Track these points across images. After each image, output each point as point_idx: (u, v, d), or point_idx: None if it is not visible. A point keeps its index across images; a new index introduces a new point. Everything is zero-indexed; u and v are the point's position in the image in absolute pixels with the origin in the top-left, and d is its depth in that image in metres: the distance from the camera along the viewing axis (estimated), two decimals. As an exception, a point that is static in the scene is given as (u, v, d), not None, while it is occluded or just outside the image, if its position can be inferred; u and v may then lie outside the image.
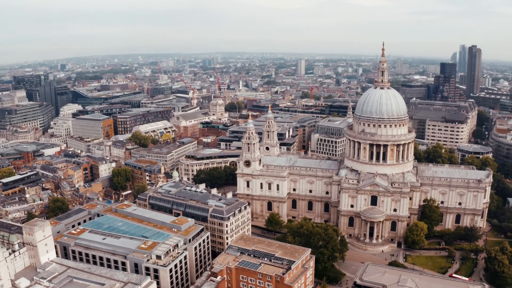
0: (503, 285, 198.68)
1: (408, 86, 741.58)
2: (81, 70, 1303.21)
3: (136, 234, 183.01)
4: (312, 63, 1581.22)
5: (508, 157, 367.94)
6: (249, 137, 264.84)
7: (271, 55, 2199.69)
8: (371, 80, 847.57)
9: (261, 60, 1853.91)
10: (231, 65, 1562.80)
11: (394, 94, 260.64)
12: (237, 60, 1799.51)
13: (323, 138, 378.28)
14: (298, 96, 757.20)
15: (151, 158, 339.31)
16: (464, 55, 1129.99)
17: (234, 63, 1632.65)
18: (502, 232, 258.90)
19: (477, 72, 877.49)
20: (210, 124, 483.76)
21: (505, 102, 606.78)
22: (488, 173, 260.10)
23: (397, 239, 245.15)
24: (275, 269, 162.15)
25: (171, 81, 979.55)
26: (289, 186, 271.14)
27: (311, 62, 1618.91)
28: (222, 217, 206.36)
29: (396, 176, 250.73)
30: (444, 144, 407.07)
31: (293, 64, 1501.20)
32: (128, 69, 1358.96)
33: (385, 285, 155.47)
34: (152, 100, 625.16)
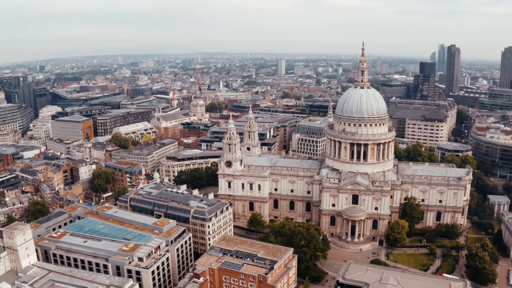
0: (485, 281, 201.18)
1: (388, 86, 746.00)
2: (60, 72, 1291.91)
3: (118, 237, 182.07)
4: (292, 63, 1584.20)
5: (487, 154, 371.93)
6: (230, 138, 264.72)
7: (251, 55, 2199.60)
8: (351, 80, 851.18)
9: (242, 60, 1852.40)
10: (211, 65, 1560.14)
11: (374, 94, 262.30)
12: (218, 61, 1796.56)
13: (304, 138, 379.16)
14: (278, 96, 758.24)
15: (131, 160, 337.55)
16: (443, 55, 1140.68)
17: (215, 64, 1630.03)
18: (482, 229, 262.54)
19: (456, 71, 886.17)
20: (190, 125, 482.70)
21: (484, 100, 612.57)
22: (468, 170, 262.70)
23: (378, 237, 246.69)
24: (258, 269, 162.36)
25: (151, 82, 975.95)
26: (270, 186, 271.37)
27: (292, 62, 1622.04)
28: (204, 218, 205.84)
29: (377, 174, 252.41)
30: (424, 142, 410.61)
31: (274, 64, 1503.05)
32: (107, 70, 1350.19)
33: (368, 283, 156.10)
34: (132, 101, 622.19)
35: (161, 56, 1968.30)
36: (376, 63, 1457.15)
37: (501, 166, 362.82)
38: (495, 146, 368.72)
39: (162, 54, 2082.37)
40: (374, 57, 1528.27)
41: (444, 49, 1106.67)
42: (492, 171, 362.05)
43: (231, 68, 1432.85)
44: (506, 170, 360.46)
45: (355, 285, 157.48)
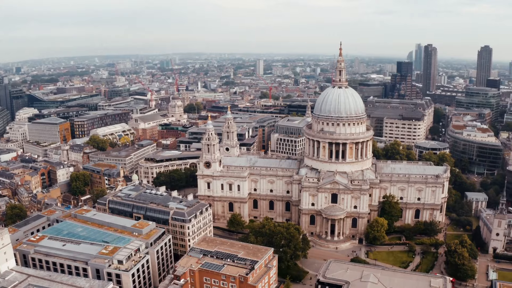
0: (464, 277, 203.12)
1: (365, 85, 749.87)
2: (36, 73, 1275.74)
3: (97, 240, 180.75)
4: (270, 63, 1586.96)
5: (464, 152, 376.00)
6: (209, 138, 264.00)
7: (229, 56, 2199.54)
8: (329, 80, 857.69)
9: (220, 60, 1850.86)
10: (189, 66, 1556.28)
11: (352, 93, 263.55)
12: (196, 61, 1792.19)
13: (282, 137, 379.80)
14: (257, 96, 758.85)
15: (109, 162, 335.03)
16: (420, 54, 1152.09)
17: (193, 64, 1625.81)
18: (461, 225, 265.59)
19: (433, 70, 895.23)
20: (169, 126, 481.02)
21: (460, 99, 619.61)
22: (445, 168, 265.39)
23: (358, 235, 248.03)
24: (239, 269, 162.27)
25: (129, 83, 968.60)
26: (250, 186, 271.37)
27: (270, 63, 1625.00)
28: (184, 219, 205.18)
29: (356, 173, 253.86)
30: (402, 141, 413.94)
31: (252, 65, 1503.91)
32: (84, 71, 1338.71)
33: (348, 281, 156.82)
34: (110, 103, 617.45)
35: (138, 57, 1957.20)
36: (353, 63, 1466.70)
37: (478, 164, 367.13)
38: (472, 144, 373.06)
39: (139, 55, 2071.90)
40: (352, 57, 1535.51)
41: (421, 48, 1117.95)
42: (469, 168, 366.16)
43: (209, 69, 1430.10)
44: (483, 168, 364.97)
45: (335, 283, 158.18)
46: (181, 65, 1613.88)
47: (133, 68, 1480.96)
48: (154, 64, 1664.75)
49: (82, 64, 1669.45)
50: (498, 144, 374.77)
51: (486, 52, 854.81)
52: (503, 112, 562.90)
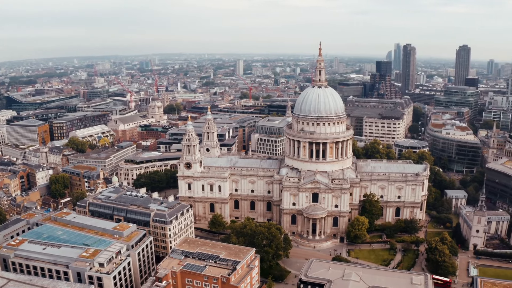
0: (445, 274, 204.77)
1: (345, 85, 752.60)
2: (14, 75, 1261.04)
3: (77, 243, 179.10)
4: (250, 64, 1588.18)
5: (443, 150, 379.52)
6: (189, 139, 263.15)
7: (209, 56, 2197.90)
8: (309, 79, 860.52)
9: (199, 61, 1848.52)
10: (169, 66, 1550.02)
11: (331, 93, 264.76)
12: (175, 62, 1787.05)
13: (263, 137, 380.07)
14: (237, 97, 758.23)
15: (89, 164, 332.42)
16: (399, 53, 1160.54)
17: (172, 65, 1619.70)
18: (441, 223, 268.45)
19: (411, 70, 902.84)
20: (149, 127, 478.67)
21: (439, 98, 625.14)
22: (425, 166, 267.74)
23: (339, 234, 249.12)
24: (221, 270, 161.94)
25: (108, 84, 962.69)
26: (231, 187, 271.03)
27: (249, 63, 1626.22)
28: (165, 221, 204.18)
29: (336, 172, 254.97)
30: (382, 140, 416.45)
31: (232, 65, 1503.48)
32: (63, 73, 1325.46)
33: (330, 280, 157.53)
34: (89, 104, 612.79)
35: (117, 58, 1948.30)
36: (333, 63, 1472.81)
37: (458, 161, 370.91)
38: (451, 142, 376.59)
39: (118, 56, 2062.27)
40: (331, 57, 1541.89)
41: (400, 48, 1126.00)
42: (449, 166, 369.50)
43: (189, 69, 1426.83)
44: (462, 165, 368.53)
45: (317, 282, 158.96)
46: (161, 65, 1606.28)
47: (112, 69, 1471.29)
48: (134, 65, 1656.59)
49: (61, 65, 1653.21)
50: (477, 142, 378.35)
51: (464, 51, 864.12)
52: (481, 111, 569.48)
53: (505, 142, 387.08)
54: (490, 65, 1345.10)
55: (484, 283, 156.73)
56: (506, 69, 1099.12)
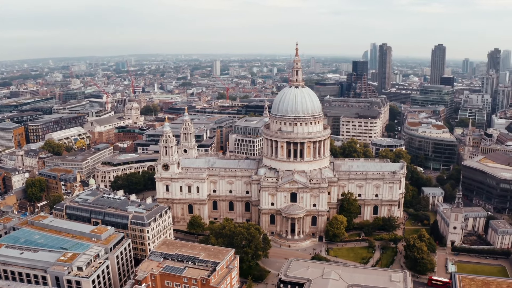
0: (423, 271, 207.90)
1: (322, 84, 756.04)
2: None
3: (55, 247, 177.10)
4: (227, 64, 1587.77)
5: (420, 148, 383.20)
6: (166, 140, 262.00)
7: (186, 57, 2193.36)
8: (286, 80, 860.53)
9: (176, 62, 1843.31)
10: (145, 67, 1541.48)
11: (308, 93, 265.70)
12: (152, 63, 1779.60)
13: (240, 138, 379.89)
14: (214, 97, 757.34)
15: (66, 167, 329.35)
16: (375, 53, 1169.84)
17: (149, 66, 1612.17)
18: (418, 220, 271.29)
19: (388, 69, 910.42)
20: (125, 128, 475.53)
21: (415, 96, 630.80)
22: (402, 165, 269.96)
23: (318, 233, 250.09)
24: (200, 272, 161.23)
25: (84, 86, 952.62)
26: (209, 188, 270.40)
27: (226, 63, 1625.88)
28: (143, 223, 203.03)
29: (314, 172, 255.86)
30: (359, 139, 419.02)
31: (208, 65, 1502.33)
32: (38, 74, 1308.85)
33: (310, 279, 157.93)
34: (65, 106, 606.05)
35: (93, 59, 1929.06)
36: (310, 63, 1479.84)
37: (434, 159, 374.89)
38: (427, 140, 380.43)
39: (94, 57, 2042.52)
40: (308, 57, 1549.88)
41: (376, 47, 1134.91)
42: (425, 164, 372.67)
43: (165, 70, 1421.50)
44: (439, 163, 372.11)
45: (297, 281, 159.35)
46: (137, 66, 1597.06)
47: (88, 70, 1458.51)
48: (110, 66, 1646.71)
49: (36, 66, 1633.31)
50: (453, 140, 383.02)
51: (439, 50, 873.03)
52: (457, 109, 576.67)
53: (480, 140, 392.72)
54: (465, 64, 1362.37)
55: (462, 279, 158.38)
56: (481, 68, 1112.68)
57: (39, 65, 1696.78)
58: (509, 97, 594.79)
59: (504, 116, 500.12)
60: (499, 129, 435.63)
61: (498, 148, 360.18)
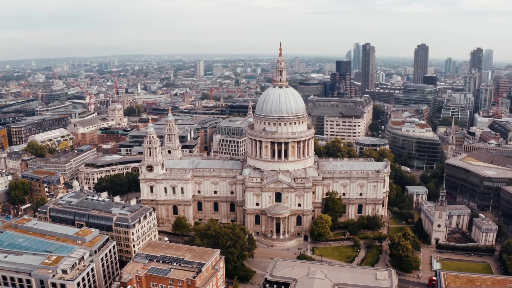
0: (409, 269, 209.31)
1: (305, 84, 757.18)
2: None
3: (39, 250, 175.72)
4: (211, 64, 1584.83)
5: (403, 147, 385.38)
6: (150, 141, 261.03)
7: (169, 57, 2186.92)
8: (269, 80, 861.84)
9: (159, 62, 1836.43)
10: (128, 68, 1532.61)
11: (292, 93, 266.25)
12: (135, 63, 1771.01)
13: (225, 138, 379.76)
14: (198, 98, 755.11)
15: (49, 169, 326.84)
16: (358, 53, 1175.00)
17: (132, 66, 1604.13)
18: (403, 218, 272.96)
19: (371, 69, 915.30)
20: (109, 130, 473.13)
21: (398, 96, 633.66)
22: (386, 163, 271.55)
23: (303, 233, 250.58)
24: (186, 273, 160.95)
25: (67, 87, 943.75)
26: (193, 189, 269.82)
27: (210, 63, 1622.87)
28: (127, 225, 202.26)
29: (299, 172, 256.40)
30: (343, 138, 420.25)
31: (192, 66, 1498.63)
32: (21, 76, 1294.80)
33: (296, 279, 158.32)
34: (47, 108, 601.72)
35: (76, 60, 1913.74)
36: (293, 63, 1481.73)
37: (418, 158, 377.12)
38: (410, 139, 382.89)
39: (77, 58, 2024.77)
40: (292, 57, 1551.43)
41: (359, 47, 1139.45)
42: (409, 163, 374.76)
43: (149, 71, 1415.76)
44: (422, 162, 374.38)
45: (283, 281, 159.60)
46: (120, 67, 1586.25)
47: (71, 71, 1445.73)
48: (93, 66, 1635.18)
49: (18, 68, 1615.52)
50: (436, 139, 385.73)
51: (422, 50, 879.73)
52: (440, 108, 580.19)
53: (463, 138, 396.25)
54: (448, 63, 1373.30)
55: (447, 276, 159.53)
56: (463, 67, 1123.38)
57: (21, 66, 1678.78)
58: (492, 95, 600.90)
59: (487, 114, 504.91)
60: (481, 128, 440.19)
61: (481, 146, 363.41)
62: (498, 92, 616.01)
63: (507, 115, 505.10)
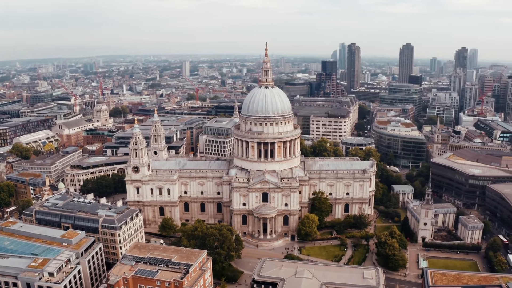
0: (395, 267, 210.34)
1: (291, 84, 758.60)
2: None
3: (25, 252, 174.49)
4: (196, 65, 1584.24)
5: (389, 147, 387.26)
6: (136, 142, 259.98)
7: (155, 58, 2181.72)
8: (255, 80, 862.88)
9: (145, 63, 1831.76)
10: (114, 69, 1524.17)
11: (278, 93, 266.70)
12: (120, 64, 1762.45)
13: (211, 139, 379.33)
14: (184, 98, 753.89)
15: (34, 171, 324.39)
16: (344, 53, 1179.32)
17: (117, 67, 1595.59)
18: (389, 217, 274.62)
19: (356, 69, 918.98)
20: (94, 131, 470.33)
21: (384, 95, 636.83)
22: (372, 163, 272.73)
23: (290, 232, 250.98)
24: (173, 274, 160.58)
25: (52, 88, 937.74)
26: (180, 190, 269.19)
27: (196, 64, 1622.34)
28: (114, 226, 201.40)
29: (285, 171, 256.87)
30: (329, 138, 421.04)
31: (178, 66, 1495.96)
32: (5, 77, 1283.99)
33: (283, 279, 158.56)
34: (32, 109, 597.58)
35: (61, 61, 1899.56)
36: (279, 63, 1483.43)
37: (403, 157, 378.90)
38: (396, 138, 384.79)
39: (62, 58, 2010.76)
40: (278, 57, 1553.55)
41: (345, 47, 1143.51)
42: (395, 162, 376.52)
43: (134, 71, 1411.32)
44: (408, 161, 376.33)
45: (271, 281, 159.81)
46: (105, 68, 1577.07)
47: (55, 72, 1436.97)
48: (78, 67, 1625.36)
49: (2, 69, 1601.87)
50: (422, 138, 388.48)
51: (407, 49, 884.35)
52: (425, 107, 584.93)
53: (449, 137, 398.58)
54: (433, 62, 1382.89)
55: (434, 274, 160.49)
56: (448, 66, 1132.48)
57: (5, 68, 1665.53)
58: (476, 94, 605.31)
59: (472, 113, 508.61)
60: (467, 126, 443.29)
61: (466, 145, 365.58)
62: (482, 91, 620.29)
63: (492, 113, 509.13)
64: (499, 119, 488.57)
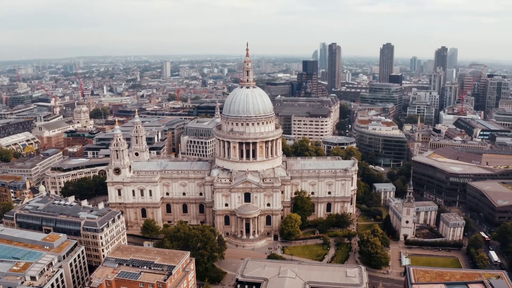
0: (378, 265, 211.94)
1: (272, 84, 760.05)
2: None
3: (7, 256, 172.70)
4: (177, 65, 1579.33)
5: (370, 145, 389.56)
6: (117, 144, 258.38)
7: (135, 58, 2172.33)
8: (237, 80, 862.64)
9: (125, 63, 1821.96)
10: (94, 70, 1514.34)
11: (259, 93, 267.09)
12: (100, 65, 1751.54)
13: (192, 139, 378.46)
14: (165, 99, 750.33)
15: (14, 174, 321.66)
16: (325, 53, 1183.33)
17: (97, 68, 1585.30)
18: (371, 215, 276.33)
19: (337, 68, 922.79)
20: (75, 132, 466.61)
21: (365, 95, 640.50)
22: (353, 162, 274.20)
23: (273, 232, 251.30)
24: (156, 276, 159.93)
25: (31, 89, 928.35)
26: (162, 191, 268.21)
27: (177, 64, 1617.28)
28: (96, 229, 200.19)
29: (267, 171, 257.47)
30: (310, 137, 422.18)
31: (158, 67, 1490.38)
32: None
33: (267, 278, 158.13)
34: (12, 111, 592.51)
35: (41, 62, 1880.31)
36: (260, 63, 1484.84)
37: (384, 156, 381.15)
38: (377, 137, 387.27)
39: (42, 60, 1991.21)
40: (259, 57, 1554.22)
41: (326, 47, 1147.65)
42: (376, 160, 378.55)
43: (114, 72, 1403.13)
44: (389, 159, 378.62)
45: (254, 281, 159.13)
46: (86, 69, 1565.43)
47: (35, 74, 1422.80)
48: (57, 68, 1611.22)
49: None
50: (403, 136, 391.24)
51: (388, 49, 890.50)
52: (406, 106, 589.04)
53: (429, 136, 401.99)
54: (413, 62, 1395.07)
55: (416, 272, 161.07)
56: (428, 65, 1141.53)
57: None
58: (456, 93, 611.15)
59: (452, 112, 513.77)
60: (447, 125, 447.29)
61: (446, 143, 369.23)
62: (462, 89, 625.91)
63: (471, 112, 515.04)
64: (479, 117, 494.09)
